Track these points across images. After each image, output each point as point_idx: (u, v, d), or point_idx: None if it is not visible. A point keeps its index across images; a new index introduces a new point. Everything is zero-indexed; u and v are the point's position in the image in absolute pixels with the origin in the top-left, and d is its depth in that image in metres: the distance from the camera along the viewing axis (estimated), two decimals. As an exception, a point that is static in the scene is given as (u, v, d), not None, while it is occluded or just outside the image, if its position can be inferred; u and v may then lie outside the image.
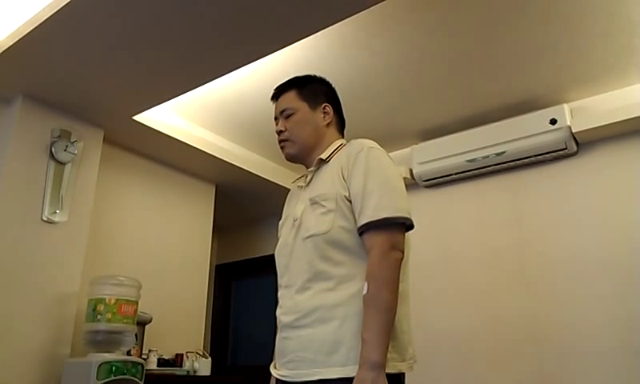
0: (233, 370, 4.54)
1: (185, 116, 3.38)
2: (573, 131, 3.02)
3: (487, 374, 3.11)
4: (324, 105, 1.58)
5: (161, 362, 3.18)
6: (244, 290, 4.80)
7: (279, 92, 1.61)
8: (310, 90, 1.59)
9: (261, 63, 2.65)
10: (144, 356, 3.06)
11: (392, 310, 1.25)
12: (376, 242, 1.30)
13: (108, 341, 2.57)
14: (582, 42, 2.63)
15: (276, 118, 1.60)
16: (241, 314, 4.75)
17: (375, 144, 1.45)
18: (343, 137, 1.63)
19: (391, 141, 3.64)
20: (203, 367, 3.34)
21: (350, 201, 1.37)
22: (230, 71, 2.64)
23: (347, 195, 1.38)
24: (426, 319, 3.23)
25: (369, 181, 1.36)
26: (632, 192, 2.93)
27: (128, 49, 2.44)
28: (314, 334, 1.31)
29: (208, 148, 3.50)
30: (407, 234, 1.38)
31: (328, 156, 1.51)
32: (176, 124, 3.33)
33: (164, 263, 3.51)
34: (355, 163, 1.39)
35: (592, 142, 3.12)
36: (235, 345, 4.69)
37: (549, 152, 3.13)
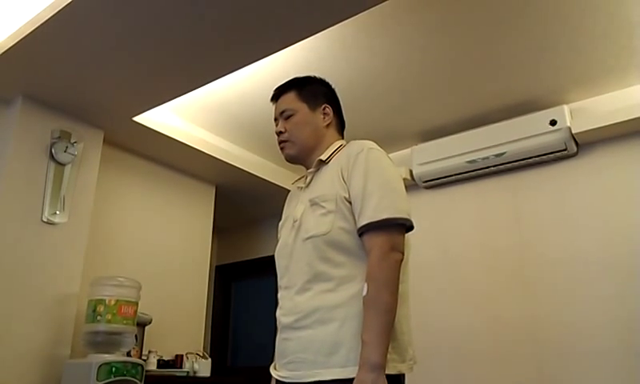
0: (233, 371, 4.54)
1: (185, 117, 3.38)
2: (573, 132, 3.02)
3: (487, 375, 3.11)
4: (324, 106, 1.58)
5: (161, 363, 3.18)
6: (244, 291, 4.80)
7: (279, 93, 1.61)
8: (310, 91, 1.59)
9: (261, 64, 2.66)
10: (144, 357, 3.06)
11: (392, 311, 1.25)
12: (376, 243, 1.30)
13: (108, 342, 2.58)
14: (582, 43, 2.63)
15: (276, 119, 1.60)
16: (241, 315, 4.75)
17: (375, 145, 1.45)
18: (343, 138, 1.62)
19: (391, 142, 3.64)
20: (203, 368, 3.34)
21: (350, 202, 1.37)
22: (230, 72, 2.64)
23: (347, 196, 1.38)
24: (426, 320, 3.23)
25: (369, 182, 1.35)
26: (632, 193, 2.93)
27: (128, 50, 2.44)
28: (314, 335, 1.31)
29: (208, 149, 3.50)
30: (407, 235, 1.38)
31: (328, 157, 1.50)
32: (176, 125, 3.33)
33: (164, 264, 3.51)
34: (355, 164, 1.39)
35: (592, 143, 3.12)
36: (235, 346, 4.68)
37: (549, 153, 3.13)
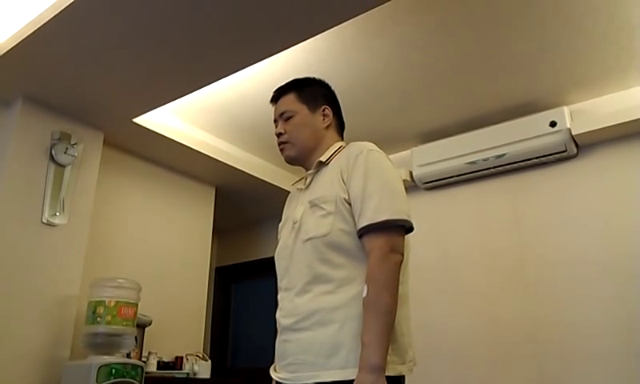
0: (233, 373, 4.54)
1: (185, 118, 3.38)
2: (573, 133, 3.02)
3: (487, 376, 3.11)
4: (323, 107, 1.58)
5: (160, 365, 3.18)
6: (244, 293, 4.80)
7: (278, 94, 1.61)
8: (310, 93, 1.59)
9: (261, 66, 2.66)
10: (144, 358, 3.06)
11: (392, 313, 1.25)
12: (375, 245, 1.30)
13: (108, 343, 2.57)
14: (582, 45, 2.63)
15: (275, 121, 1.60)
16: (241, 317, 4.75)
17: (374, 146, 1.45)
18: (343, 139, 1.62)
19: (391, 143, 3.64)
20: (203, 370, 3.33)
21: (350, 203, 1.37)
22: (230, 74, 2.64)
23: (347, 198, 1.38)
24: (426, 321, 3.23)
25: (368, 183, 1.35)
26: (632, 194, 2.93)
27: (128, 51, 2.44)
28: (314, 337, 1.31)
29: (208, 150, 3.50)
30: (407, 237, 1.38)
31: (327, 158, 1.51)
32: (176, 126, 3.33)
33: (164, 266, 3.50)
34: (355, 166, 1.39)
35: (592, 145, 3.12)
36: (235, 347, 4.68)
37: (549, 154, 3.13)
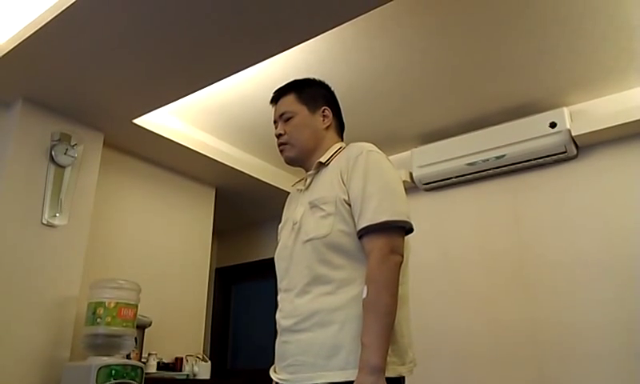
0: (232, 374, 4.53)
1: (185, 119, 3.38)
2: (572, 134, 3.02)
3: (487, 377, 3.11)
4: (323, 108, 1.58)
5: (160, 366, 3.17)
6: (244, 294, 4.80)
7: (278, 95, 1.61)
8: (309, 94, 1.59)
9: (261, 67, 2.66)
10: (143, 359, 3.06)
11: (392, 314, 1.25)
12: (375, 246, 1.30)
13: (107, 344, 2.57)
14: (582, 46, 2.63)
15: (275, 122, 1.60)
16: (241, 318, 4.74)
17: (374, 147, 1.45)
18: (342, 140, 1.63)
19: (391, 144, 3.65)
20: (203, 371, 3.33)
21: (350, 204, 1.37)
22: (230, 74, 2.64)
23: (346, 199, 1.38)
24: (426, 322, 3.22)
25: (368, 184, 1.35)
26: (632, 195, 2.93)
27: (128, 52, 2.44)
28: (314, 338, 1.31)
29: (208, 151, 3.50)
30: (407, 237, 1.38)
31: (327, 159, 1.51)
32: (176, 127, 3.33)
33: (164, 267, 3.50)
34: (354, 166, 1.39)
35: (592, 146, 3.12)
36: (235, 348, 4.68)
37: (548, 155, 3.13)
